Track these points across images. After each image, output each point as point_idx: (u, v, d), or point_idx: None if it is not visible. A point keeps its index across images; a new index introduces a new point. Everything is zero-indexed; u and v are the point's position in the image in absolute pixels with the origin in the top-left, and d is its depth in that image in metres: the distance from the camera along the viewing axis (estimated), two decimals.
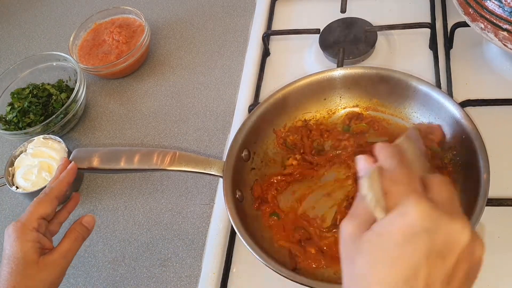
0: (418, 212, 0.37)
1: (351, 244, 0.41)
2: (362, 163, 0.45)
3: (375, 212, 0.40)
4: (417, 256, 0.37)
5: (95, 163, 0.72)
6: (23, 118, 0.94)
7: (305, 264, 0.66)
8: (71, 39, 1.05)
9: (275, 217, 0.70)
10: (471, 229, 0.38)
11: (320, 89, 0.77)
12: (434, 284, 0.37)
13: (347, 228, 0.41)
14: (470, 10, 0.74)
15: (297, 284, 0.59)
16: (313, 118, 0.79)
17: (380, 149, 0.44)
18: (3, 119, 0.97)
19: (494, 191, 0.60)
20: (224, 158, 0.71)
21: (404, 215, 0.37)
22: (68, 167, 0.69)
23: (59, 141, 0.86)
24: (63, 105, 0.94)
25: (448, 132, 0.69)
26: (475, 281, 0.40)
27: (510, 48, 0.71)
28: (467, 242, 0.37)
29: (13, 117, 0.95)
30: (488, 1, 0.70)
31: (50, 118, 0.90)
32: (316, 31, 0.93)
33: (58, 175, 0.68)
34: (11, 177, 0.84)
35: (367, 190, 0.41)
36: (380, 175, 0.41)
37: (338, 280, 0.64)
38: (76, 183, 0.89)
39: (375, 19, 0.92)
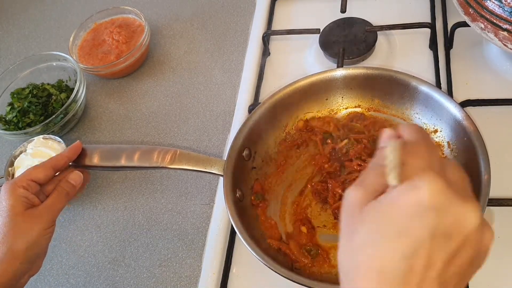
0: (431, 189, 0.35)
1: (354, 213, 0.38)
2: (386, 134, 0.42)
3: (388, 178, 0.37)
4: (422, 234, 0.35)
5: (96, 160, 0.72)
6: (23, 118, 0.94)
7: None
8: (71, 39, 1.05)
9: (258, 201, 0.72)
10: (481, 215, 0.36)
11: (322, 89, 0.77)
12: (434, 265, 0.35)
13: (353, 195, 0.39)
14: (470, 10, 0.74)
15: (297, 284, 0.58)
16: (314, 118, 0.79)
17: (405, 126, 0.43)
18: (3, 119, 0.96)
19: (494, 191, 0.60)
20: (224, 158, 0.71)
21: (416, 188, 0.35)
22: (72, 144, 0.73)
23: (59, 141, 0.86)
24: (63, 105, 0.94)
25: (449, 132, 0.70)
26: (478, 270, 0.39)
27: (510, 48, 0.71)
28: (475, 227, 0.36)
29: (13, 117, 0.95)
30: (488, 1, 0.70)
31: (50, 118, 0.90)
32: (316, 31, 0.93)
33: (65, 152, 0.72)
34: (11, 177, 0.84)
35: (388, 153, 0.39)
36: (402, 147, 0.39)
37: (338, 281, 0.63)
38: None
39: (375, 19, 0.92)
